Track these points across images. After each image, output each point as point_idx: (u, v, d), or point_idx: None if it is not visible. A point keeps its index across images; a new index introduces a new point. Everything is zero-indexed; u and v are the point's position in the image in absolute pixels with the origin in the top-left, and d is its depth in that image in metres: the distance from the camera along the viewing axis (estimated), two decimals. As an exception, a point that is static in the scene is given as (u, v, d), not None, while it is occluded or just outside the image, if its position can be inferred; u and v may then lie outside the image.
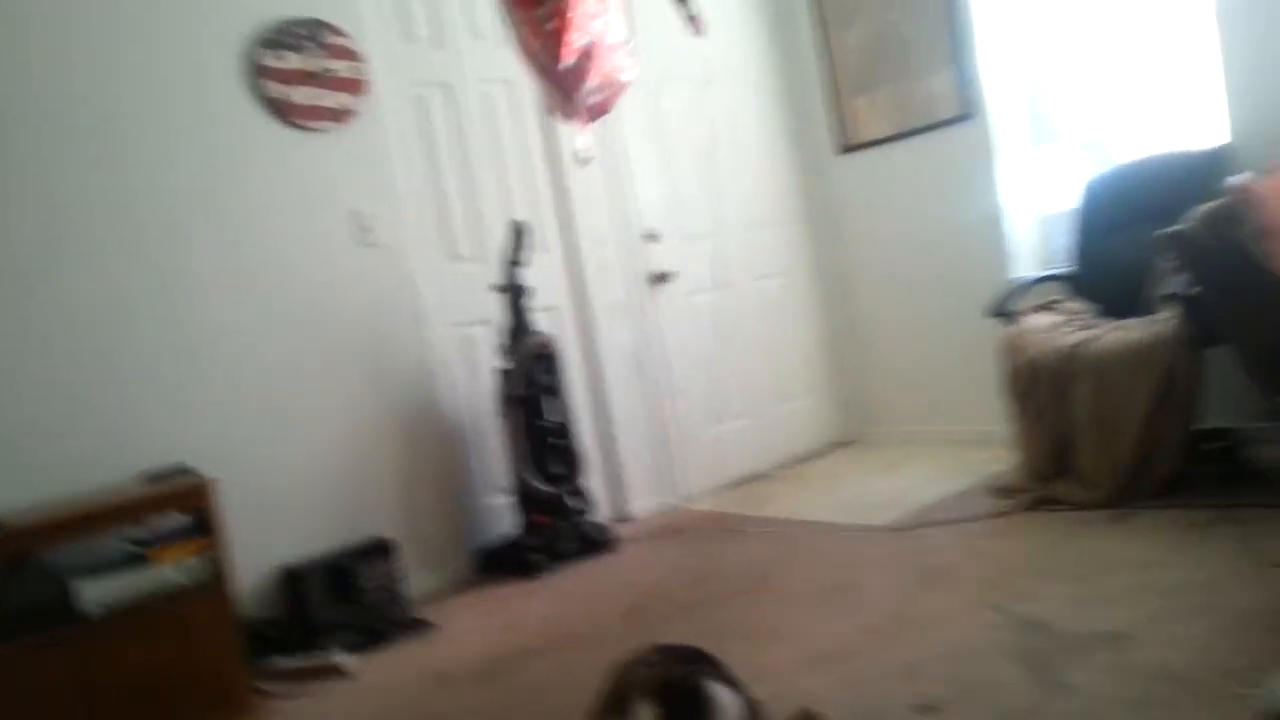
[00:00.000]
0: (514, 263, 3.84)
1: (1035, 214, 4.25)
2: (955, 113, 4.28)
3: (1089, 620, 2.33)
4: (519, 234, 3.83)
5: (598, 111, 3.14)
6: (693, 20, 3.13)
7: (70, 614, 2.70)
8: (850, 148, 4.79)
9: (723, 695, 1.61)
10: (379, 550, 3.52)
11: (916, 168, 4.51)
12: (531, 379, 3.81)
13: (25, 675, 2.57)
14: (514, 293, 3.85)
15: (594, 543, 3.89)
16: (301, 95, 3.58)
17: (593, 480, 4.05)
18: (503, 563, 3.87)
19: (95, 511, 2.75)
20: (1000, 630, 2.39)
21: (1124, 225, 3.63)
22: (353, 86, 3.69)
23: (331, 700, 2.92)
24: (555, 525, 3.83)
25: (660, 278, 4.52)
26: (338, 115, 3.66)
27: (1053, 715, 1.92)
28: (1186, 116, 3.74)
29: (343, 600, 3.46)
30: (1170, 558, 2.63)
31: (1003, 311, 3.67)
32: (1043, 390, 3.35)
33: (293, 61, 3.56)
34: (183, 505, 2.91)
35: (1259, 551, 2.44)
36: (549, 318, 4.19)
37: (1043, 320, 3.57)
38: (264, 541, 3.39)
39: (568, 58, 2.90)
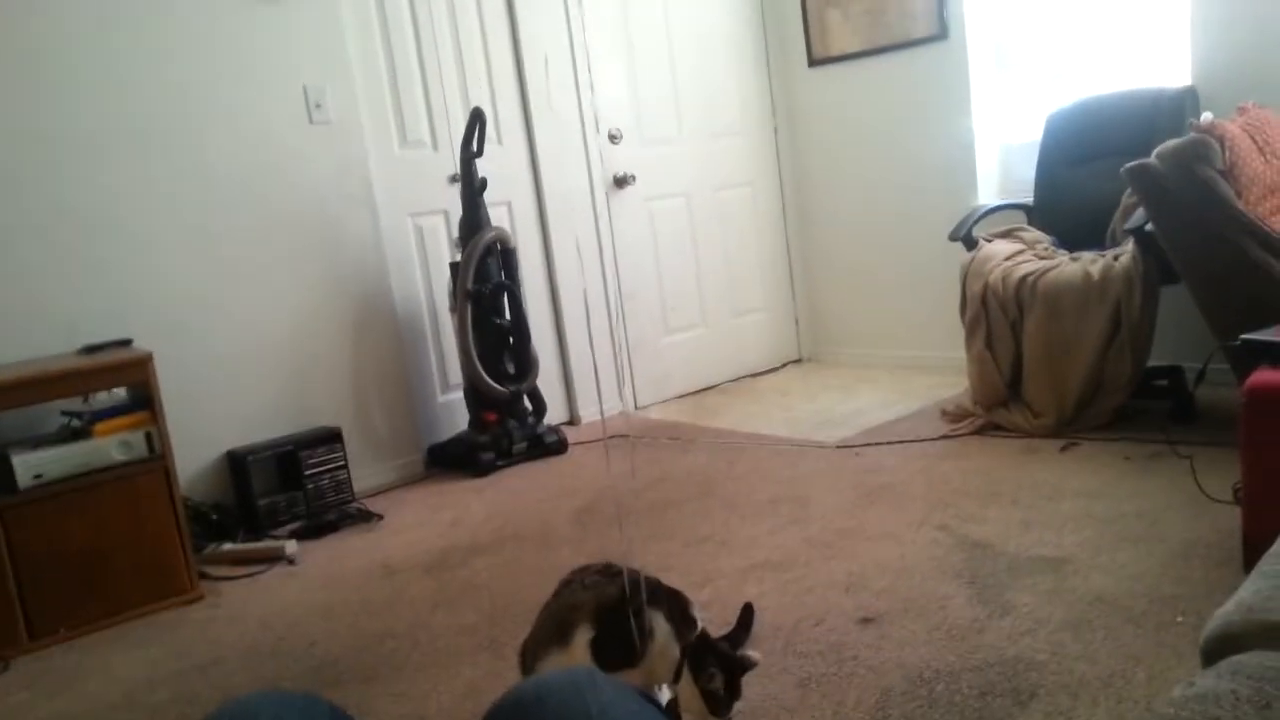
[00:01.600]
0: (471, 152, 3.73)
1: (999, 142, 4.22)
2: (929, 32, 4.21)
3: (1031, 544, 2.38)
4: (477, 122, 3.70)
5: None
6: None
7: (5, 486, 2.63)
8: (820, 60, 4.70)
9: (660, 623, 1.62)
10: (326, 439, 3.48)
11: (887, 86, 4.44)
12: (485, 274, 3.74)
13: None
14: (470, 184, 3.75)
15: (544, 444, 3.88)
16: (259, -39, 3.39)
17: (544, 382, 4.02)
18: (453, 459, 3.85)
19: (31, 379, 2.65)
20: (944, 549, 2.43)
21: (1085, 159, 3.63)
22: (313, -44, 3.51)
23: (276, 586, 2.90)
24: (505, 425, 3.81)
25: (620, 180, 4.44)
26: (294, -15, 3.49)
27: (992, 632, 1.97)
28: (1149, 55, 3.71)
29: (288, 488, 3.43)
30: (1113, 488, 2.69)
31: (963, 237, 3.67)
32: (996, 318, 3.37)
33: (252, -76, 3.37)
34: (122, 378, 2.84)
35: (1200, 486, 2.50)
36: (505, 213, 4.11)
37: (1002, 248, 3.57)
38: (209, 426, 3.34)
39: None
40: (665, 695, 1.70)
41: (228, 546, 3.16)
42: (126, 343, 3.05)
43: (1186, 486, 2.55)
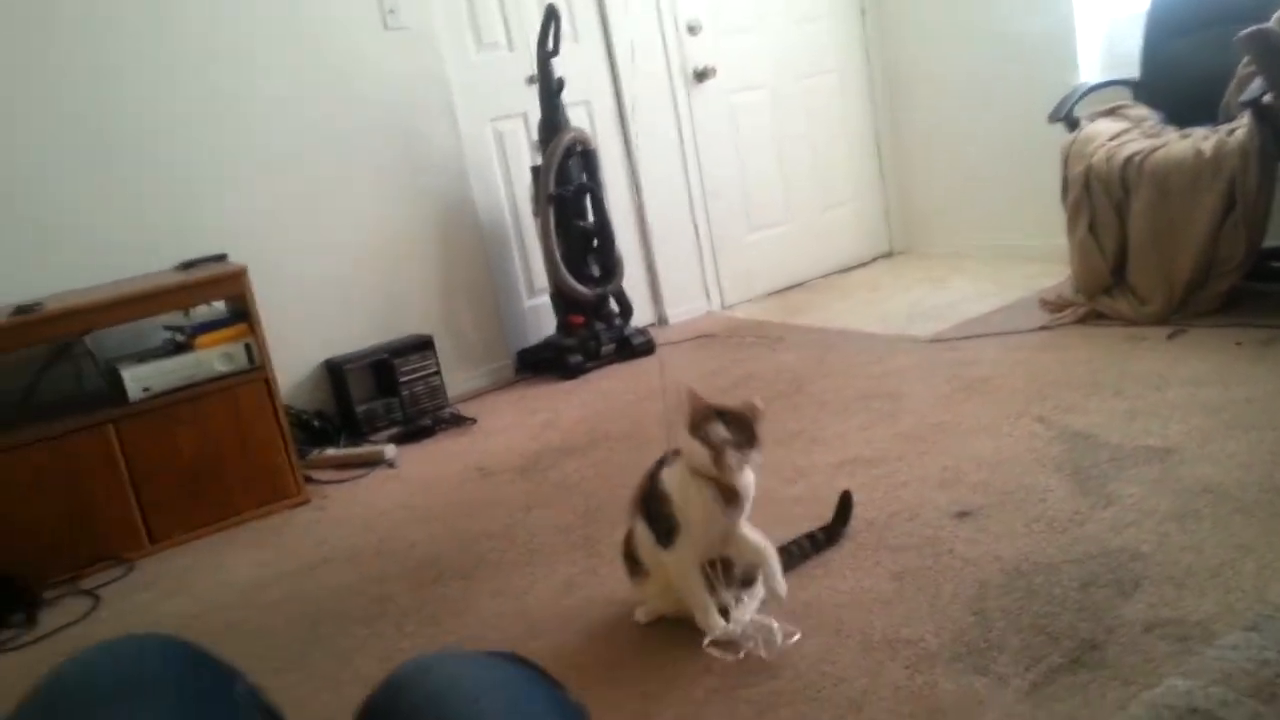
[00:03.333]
0: (547, 52, 3.65)
1: (1102, 14, 3.96)
2: (1029, -101, 3.94)
3: (1135, 434, 2.30)
4: (552, 20, 3.62)
5: None
6: None
7: (117, 398, 2.75)
8: (912, -65, 4.45)
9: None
10: (419, 346, 3.54)
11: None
12: (567, 177, 3.70)
13: (75, 458, 2.64)
14: (547, 84, 3.69)
15: (631, 346, 3.89)
16: None
17: (630, 283, 4.00)
18: (542, 363, 3.89)
19: (133, 295, 2.75)
20: (1043, 441, 2.37)
21: (1196, 28, 3.40)
22: None
23: (377, 489, 3.00)
24: (593, 327, 3.82)
25: (701, 74, 4.32)
26: (364, -115, 3.42)
27: (1094, 524, 1.92)
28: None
29: (385, 394, 3.51)
30: (1223, 375, 2.57)
31: (1065, 117, 3.48)
32: (1100, 201, 3.22)
33: None
34: (219, 291, 2.92)
35: (1316, 371, 2.38)
36: (584, 113, 4.04)
37: (1106, 127, 3.38)
38: (306, 338, 3.42)
39: None
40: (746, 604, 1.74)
41: (330, 451, 3.27)
42: (221, 258, 3.12)
43: (1303, 372, 2.42)
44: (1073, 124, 3.44)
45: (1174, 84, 3.49)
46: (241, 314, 2.92)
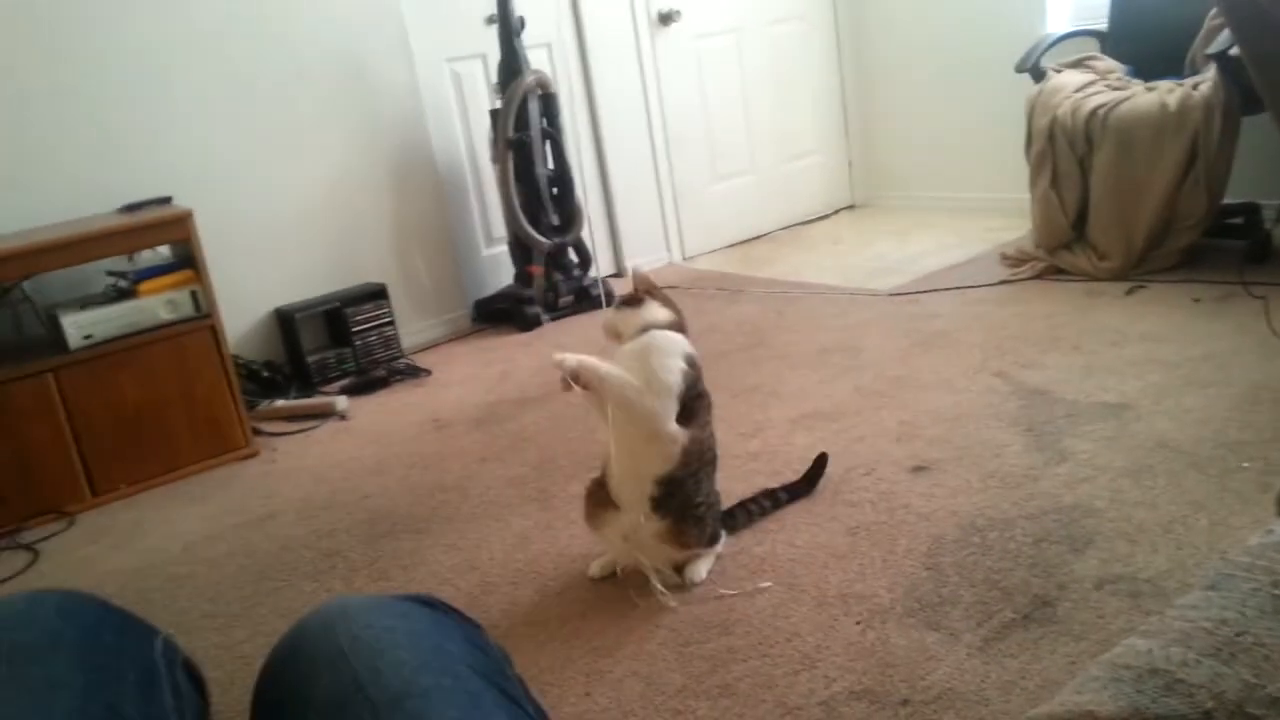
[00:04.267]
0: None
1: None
2: None
3: (1092, 390, 2.30)
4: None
5: None
6: None
7: (57, 346, 2.66)
8: (881, -122, 4.36)
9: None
10: (372, 295, 3.47)
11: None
12: (526, 121, 3.62)
13: (12, 408, 2.55)
14: (507, 24, 3.58)
15: (590, 297, 3.83)
16: None
17: (589, 233, 3.94)
18: (499, 314, 3.83)
19: (72, 239, 2.64)
20: (1000, 396, 2.36)
21: (1164, -21, 3.37)
22: None
23: (328, 441, 2.94)
24: (551, 278, 3.76)
25: (665, 17, 4.22)
26: None
27: (1049, 480, 1.92)
28: None
29: (337, 344, 3.44)
30: (1180, 332, 2.57)
31: (1031, 67, 3.44)
32: (1064, 154, 3.19)
33: None
34: (163, 235, 2.81)
35: (1272, 328, 2.38)
36: (545, 55, 3.94)
37: (1072, 78, 3.35)
38: (256, 285, 3.33)
39: None
40: None
41: (280, 403, 3.20)
42: (166, 200, 3.02)
43: (1258, 329, 2.43)
44: (1039, 75, 3.41)
45: (1142, 35, 3.46)
46: (187, 259, 2.83)
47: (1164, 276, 3.02)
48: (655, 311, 1.80)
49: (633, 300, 1.83)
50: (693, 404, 1.73)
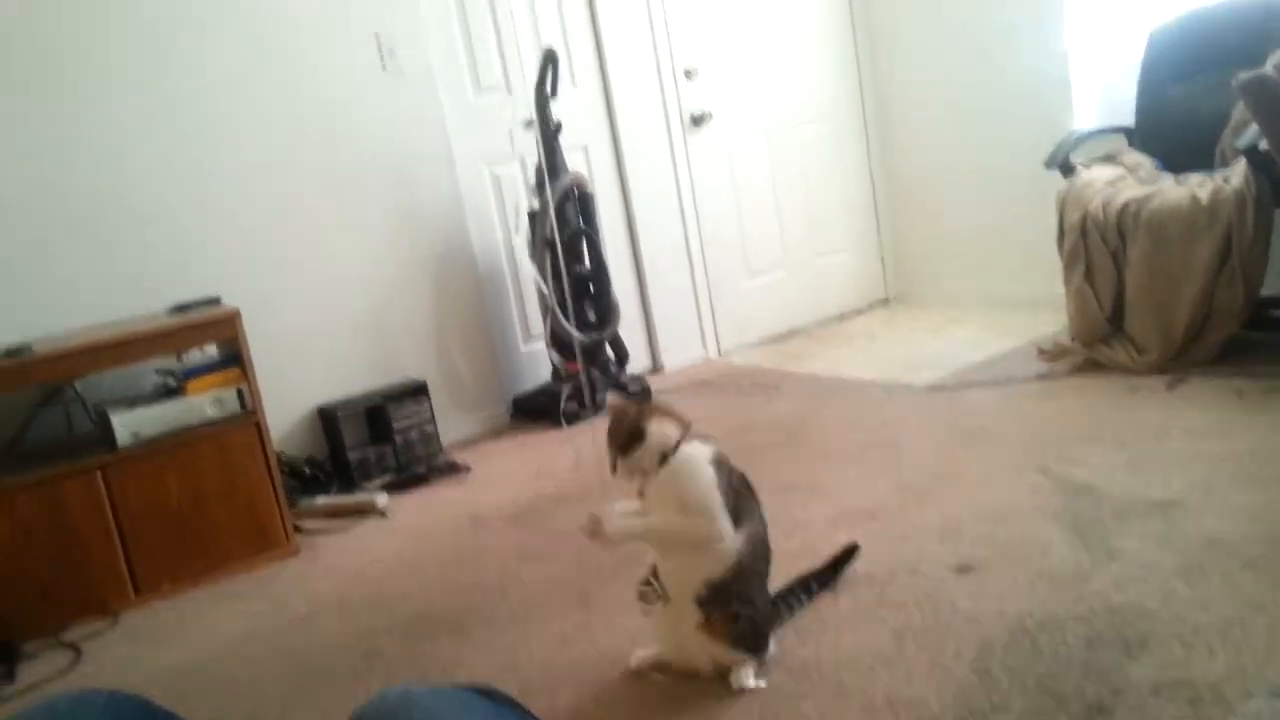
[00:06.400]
0: (545, 95, 3.66)
1: (1097, 62, 3.98)
2: (1022, -53, 3.97)
3: (1138, 486, 2.27)
4: (550, 64, 3.63)
5: None
6: None
7: (106, 444, 2.71)
8: (904, -17, 4.49)
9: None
10: (413, 392, 3.51)
11: (975, 8, 4.22)
12: (564, 221, 3.70)
13: (61, 506, 2.60)
14: (545, 128, 3.69)
15: (627, 393, 3.85)
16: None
17: (626, 330, 3.98)
18: (537, 409, 3.86)
19: (123, 339, 2.72)
20: (1044, 493, 2.34)
21: (1190, 75, 3.42)
22: (380, -100, 3.47)
23: (368, 539, 2.95)
24: (589, 373, 3.79)
25: (697, 119, 4.33)
26: (361, -71, 3.45)
27: (1098, 579, 1.88)
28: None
29: (377, 441, 3.48)
30: (1225, 426, 2.54)
31: (1060, 163, 3.49)
32: (1096, 248, 3.21)
33: None
34: (211, 335, 2.89)
35: (1319, 422, 2.35)
36: (582, 157, 4.05)
37: (1102, 173, 3.38)
38: (299, 382, 3.39)
39: None
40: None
41: (321, 500, 3.22)
42: (215, 301, 3.10)
43: (1304, 423, 2.40)
44: (1068, 170, 3.45)
45: (1169, 130, 3.50)
46: (234, 358, 2.89)
47: (1205, 370, 2.99)
48: (662, 433, 1.71)
49: (635, 436, 1.71)
50: (737, 503, 1.73)
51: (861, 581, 2.06)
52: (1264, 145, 2.77)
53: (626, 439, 1.71)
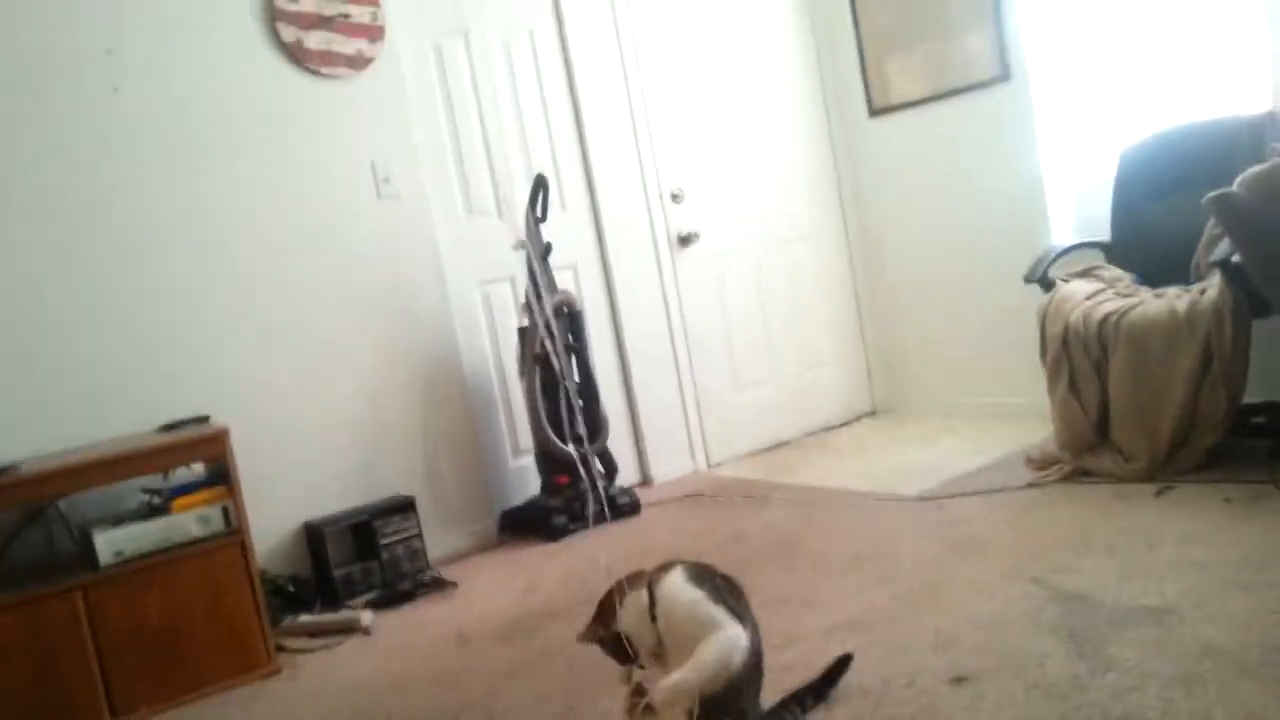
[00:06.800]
0: (535, 218, 3.76)
1: (1071, 181, 4.11)
2: (991, 74, 4.13)
3: (1131, 595, 2.25)
4: (540, 188, 3.75)
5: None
6: None
7: (88, 564, 2.67)
8: (881, 110, 4.65)
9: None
10: (400, 508, 3.49)
11: (951, 130, 4.37)
12: (553, 338, 3.74)
13: (40, 624, 2.54)
14: (535, 249, 3.77)
15: (617, 506, 3.83)
16: (316, 40, 3.52)
17: (615, 444, 3.99)
18: (525, 524, 3.83)
19: (109, 459, 2.71)
20: (1037, 602, 2.31)
21: (1163, 193, 3.52)
22: (370, 32, 3.62)
23: (352, 657, 2.88)
24: (577, 487, 3.78)
25: (685, 239, 4.43)
26: (354, 62, 3.59)
27: (1096, 689, 1.85)
28: (1223, 83, 3.59)
29: (364, 557, 3.43)
30: (1215, 533, 2.54)
31: (1040, 278, 3.57)
32: (1079, 359, 3.26)
33: (307, 4, 3.49)
34: (199, 454, 2.88)
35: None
36: (571, 275, 4.13)
37: (1081, 287, 3.46)
38: (285, 498, 3.37)
39: None
40: None
41: (304, 619, 3.16)
42: (204, 419, 3.10)
43: (1293, 529, 2.40)
44: (1047, 285, 3.52)
45: (1144, 245, 3.58)
46: (221, 476, 2.88)
47: (1192, 477, 3.00)
48: (634, 599, 1.83)
49: (611, 616, 1.85)
50: (728, 602, 1.73)
51: (855, 694, 2.02)
52: (1237, 259, 2.85)
53: (608, 621, 1.85)
